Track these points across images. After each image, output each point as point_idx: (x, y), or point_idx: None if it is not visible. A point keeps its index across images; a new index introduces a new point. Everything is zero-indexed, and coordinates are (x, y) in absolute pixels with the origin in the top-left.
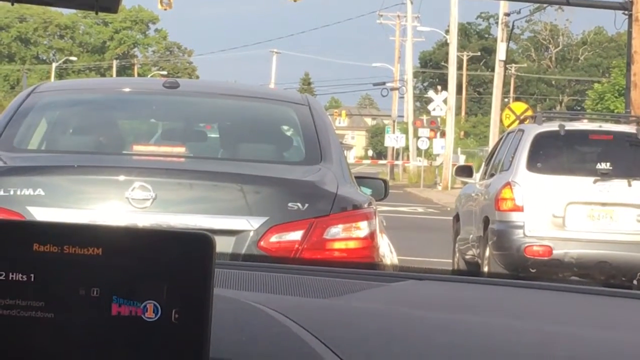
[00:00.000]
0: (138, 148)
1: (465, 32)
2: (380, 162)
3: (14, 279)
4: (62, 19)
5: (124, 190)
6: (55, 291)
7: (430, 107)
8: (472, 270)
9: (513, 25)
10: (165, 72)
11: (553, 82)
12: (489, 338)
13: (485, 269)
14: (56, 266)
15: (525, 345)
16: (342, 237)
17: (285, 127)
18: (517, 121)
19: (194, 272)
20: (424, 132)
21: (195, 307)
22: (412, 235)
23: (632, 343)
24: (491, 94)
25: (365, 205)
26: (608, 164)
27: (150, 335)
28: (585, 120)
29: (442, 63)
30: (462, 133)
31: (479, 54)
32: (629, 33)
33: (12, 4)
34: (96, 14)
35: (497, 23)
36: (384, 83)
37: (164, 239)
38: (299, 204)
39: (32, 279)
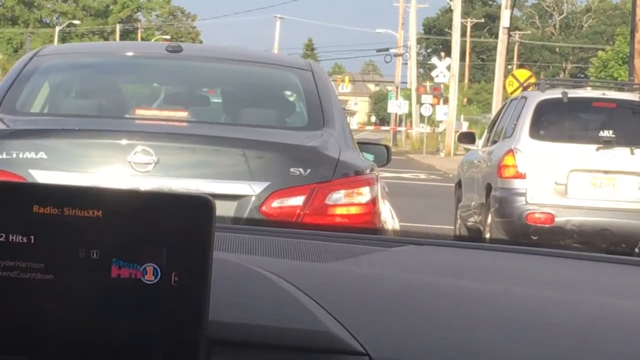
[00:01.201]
0: (141, 112)
1: None
2: (383, 128)
3: (14, 240)
4: None
5: (126, 154)
6: (55, 253)
7: (433, 73)
8: (473, 236)
9: None
10: (168, 37)
11: (557, 50)
12: (488, 303)
13: (487, 235)
14: (56, 228)
15: (525, 310)
16: (344, 202)
17: (288, 93)
18: (521, 88)
19: (193, 235)
20: (427, 98)
21: (194, 270)
22: (414, 202)
23: (632, 309)
24: (494, 61)
25: (368, 171)
26: (611, 131)
27: (150, 298)
28: (589, 88)
29: (446, 29)
30: (465, 100)
31: (482, 20)
32: (634, 0)
33: None
34: None
35: None
36: (387, 49)
37: (164, 202)
38: (301, 169)
39: (32, 241)
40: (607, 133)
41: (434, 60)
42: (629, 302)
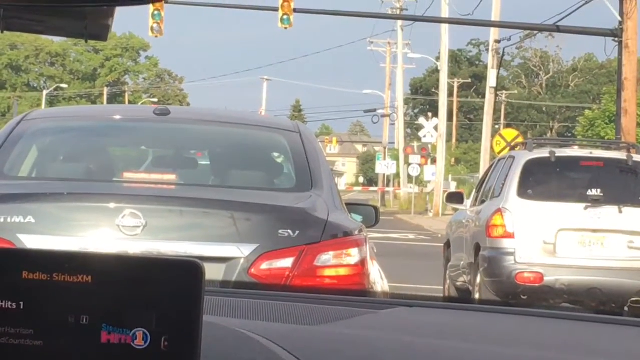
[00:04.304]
0: (129, 175)
1: (455, 59)
2: (371, 189)
3: (3, 306)
4: (53, 47)
5: (114, 218)
6: (44, 319)
7: (421, 133)
8: (462, 297)
9: (503, 52)
10: (156, 100)
11: (544, 109)
12: None
13: (477, 295)
14: (45, 294)
15: None
16: (333, 264)
17: (276, 154)
18: (508, 148)
19: (183, 299)
20: (415, 158)
21: (184, 335)
22: (403, 262)
23: None
24: (482, 120)
25: (356, 232)
26: (599, 190)
27: None
28: (576, 147)
29: (433, 90)
30: (453, 160)
31: (469, 80)
32: (619, 60)
33: (2, 32)
34: (86, 42)
35: (487, 50)
36: (374, 110)
37: (154, 267)
38: (289, 231)
39: (22, 307)
40: (595, 192)
41: (422, 120)
42: None
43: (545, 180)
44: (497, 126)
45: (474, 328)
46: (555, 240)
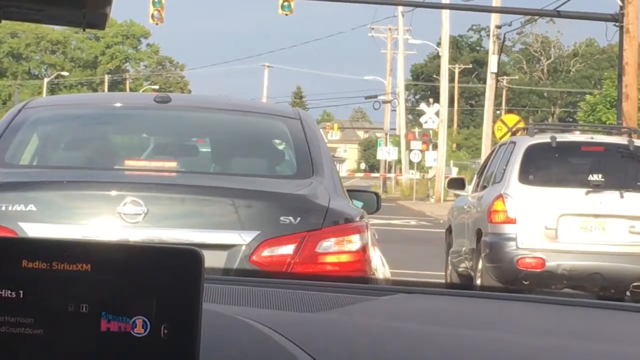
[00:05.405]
0: (130, 163)
1: (456, 44)
2: (373, 175)
3: (3, 295)
4: (54, 35)
5: (115, 206)
6: (44, 307)
7: (422, 119)
8: (463, 284)
9: (504, 38)
10: (157, 87)
11: (545, 94)
12: (479, 352)
13: (478, 281)
14: (45, 282)
15: (516, 358)
16: (334, 250)
17: (277, 141)
18: (509, 133)
19: (183, 287)
20: (416, 144)
21: (184, 323)
22: (405, 248)
23: (623, 356)
24: (483, 106)
25: (357, 219)
26: (600, 175)
27: (140, 351)
28: (577, 132)
29: (434, 76)
30: (454, 145)
31: (470, 66)
32: (620, 44)
33: (0, 21)
34: (84, 30)
35: (488, 35)
36: (376, 96)
37: (153, 255)
38: (290, 218)
39: (21, 296)
40: (596, 177)
41: (423, 106)
42: (620, 348)
43: (546, 166)
44: (498, 112)
45: (474, 314)
46: (557, 225)
